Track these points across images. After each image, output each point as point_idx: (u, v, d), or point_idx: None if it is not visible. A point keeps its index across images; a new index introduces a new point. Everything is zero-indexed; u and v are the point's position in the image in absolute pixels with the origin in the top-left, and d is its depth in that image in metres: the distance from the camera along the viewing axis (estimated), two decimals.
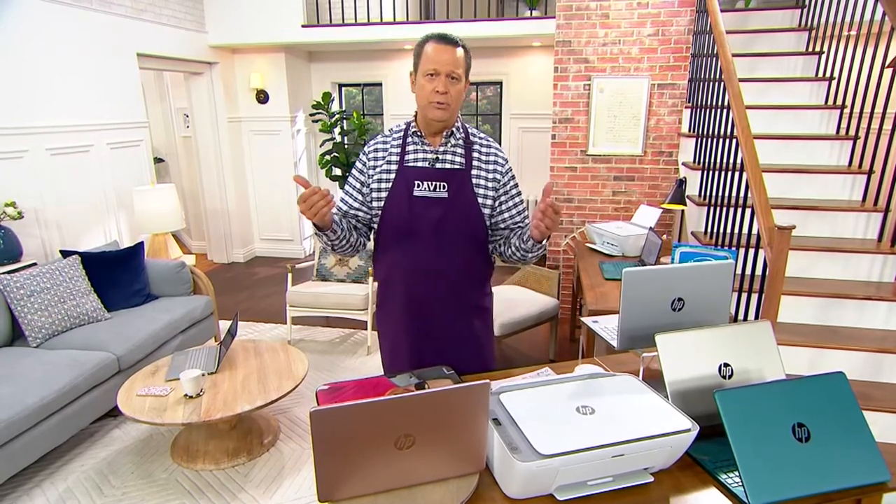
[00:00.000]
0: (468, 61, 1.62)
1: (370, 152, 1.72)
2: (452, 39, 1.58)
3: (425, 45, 1.59)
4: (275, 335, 4.19)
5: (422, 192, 1.64)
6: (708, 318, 1.45)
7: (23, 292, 2.92)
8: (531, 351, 3.94)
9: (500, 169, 1.71)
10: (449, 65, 1.56)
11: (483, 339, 1.82)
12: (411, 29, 5.15)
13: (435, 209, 1.64)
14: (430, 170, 1.66)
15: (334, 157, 5.95)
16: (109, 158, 4.21)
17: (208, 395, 2.48)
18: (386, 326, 1.84)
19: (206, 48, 5.40)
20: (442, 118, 1.62)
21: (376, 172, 1.69)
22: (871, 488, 1.10)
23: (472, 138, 1.72)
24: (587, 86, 4.06)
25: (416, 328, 1.74)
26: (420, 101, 1.63)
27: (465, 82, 1.63)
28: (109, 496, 2.45)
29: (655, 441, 1.06)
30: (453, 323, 1.74)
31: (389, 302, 1.79)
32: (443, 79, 1.57)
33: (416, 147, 1.68)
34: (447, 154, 1.67)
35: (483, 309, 1.81)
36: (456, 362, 1.68)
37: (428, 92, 1.58)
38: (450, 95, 1.58)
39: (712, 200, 3.03)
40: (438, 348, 1.73)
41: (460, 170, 1.67)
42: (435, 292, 1.70)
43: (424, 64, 1.58)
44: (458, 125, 1.70)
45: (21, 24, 3.49)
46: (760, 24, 4.06)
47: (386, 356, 1.88)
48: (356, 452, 1.01)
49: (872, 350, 2.45)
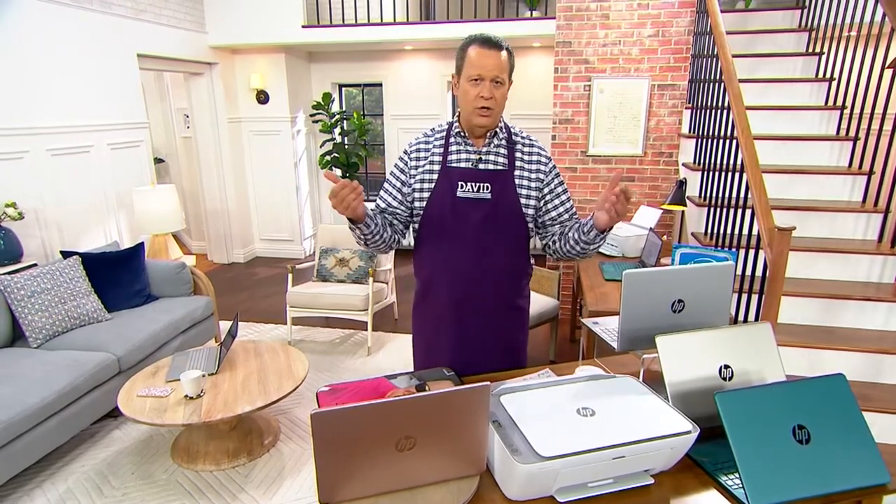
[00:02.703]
0: (512, 62, 1.60)
1: (412, 152, 1.71)
2: (496, 42, 1.56)
3: (468, 49, 1.57)
4: (275, 336, 4.19)
5: (465, 192, 1.64)
6: (708, 319, 1.45)
7: (23, 293, 2.92)
8: (531, 351, 3.93)
9: (544, 168, 1.70)
10: (494, 70, 1.54)
11: (521, 338, 1.83)
12: (411, 29, 5.15)
13: (479, 210, 1.64)
14: (473, 170, 1.65)
15: (334, 157, 5.95)
16: (110, 159, 4.21)
17: (209, 396, 2.48)
18: (424, 324, 1.83)
19: (206, 48, 5.40)
20: (486, 125, 1.61)
21: (419, 172, 1.68)
22: (871, 490, 1.10)
23: (515, 138, 1.71)
24: (587, 86, 4.06)
25: (457, 327, 1.73)
26: (464, 106, 1.62)
27: (509, 84, 1.62)
28: (110, 497, 2.45)
29: (656, 443, 1.07)
30: (494, 322, 1.74)
31: (430, 300, 1.78)
32: (487, 84, 1.55)
33: (460, 147, 1.67)
34: (490, 154, 1.66)
35: (521, 309, 1.82)
36: (493, 361, 1.70)
37: (472, 97, 1.57)
38: (494, 100, 1.57)
39: (712, 201, 3.03)
40: (477, 347, 1.73)
41: (503, 170, 1.66)
42: (477, 292, 1.70)
43: (468, 69, 1.56)
44: (501, 125, 1.68)
45: (21, 25, 3.49)
46: (760, 24, 4.06)
47: (420, 354, 1.86)
48: (357, 454, 1.01)
49: (872, 351, 2.45)
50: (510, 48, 1.60)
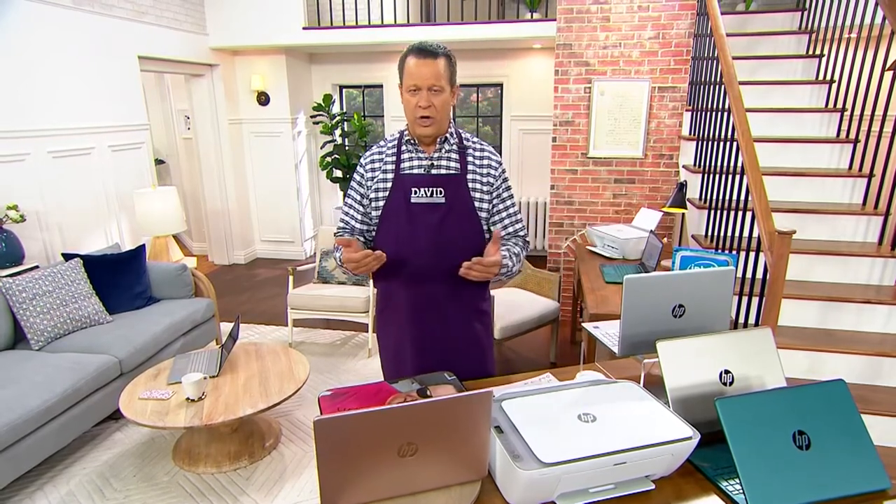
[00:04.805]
0: (451, 69, 1.61)
1: (367, 164, 1.73)
2: (431, 51, 1.56)
3: (406, 59, 1.59)
4: (276, 338, 4.20)
5: (419, 198, 1.65)
6: (708, 324, 1.45)
7: (25, 295, 2.93)
8: (532, 354, 3.94)
9: (494, 172, 1.72)
10: (429, 79, 1.55)
11: (484, 343, 1.82)
12: (412, 31, 5.16)
13: (433, 215, 1.65)
14: (426, 176, 1.66)
15: (335, 158, 5.95)
16: (111, 161, 4.22)
17: (210, 399, 2.49)
18: (387, 333, 1.84)
19: (206, 50, 5.41)
20: (430, 133, 1.63)
21: (374, 182, 1.70)
22: (871, 496, 1.11)
23: (466, 143, 1.72)
24: (588, 88, 4.07)
25: (418, 334, 1.74)
26: (407, 116, 1.65)
27: (452, 89, 1.62)
28: (111, 499, 2.45)
29: (657, 449, 1.07)
30: (455, 327, 1.75)
31: (390, 308, 1.79)
32: (424, 93, 1.57)
33: (411, 155, 1.69)
34: (442, 160, 1.68)
35: (483, 312, 1.82)
36: (457, 368, 1.69)
37: (412, 107, 1.59)
38: (434, 108, 1.58)
39: (713, 204, 3.03)
40: (441, 354, 1.73)
41: (456, 175, 1.67)
42: (436, 297, 1.70)
43: (406, 79, 1.58)
44: (451, 131, 1.70)
45: (22, 28, 3.50)
46: (761, 27, 4.07)
47: (387, 363, 1.87)
48: (359, 460, 1.01)
49: (872, 353, 2.45)
50: (450, 54, 1.61)
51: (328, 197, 6.82)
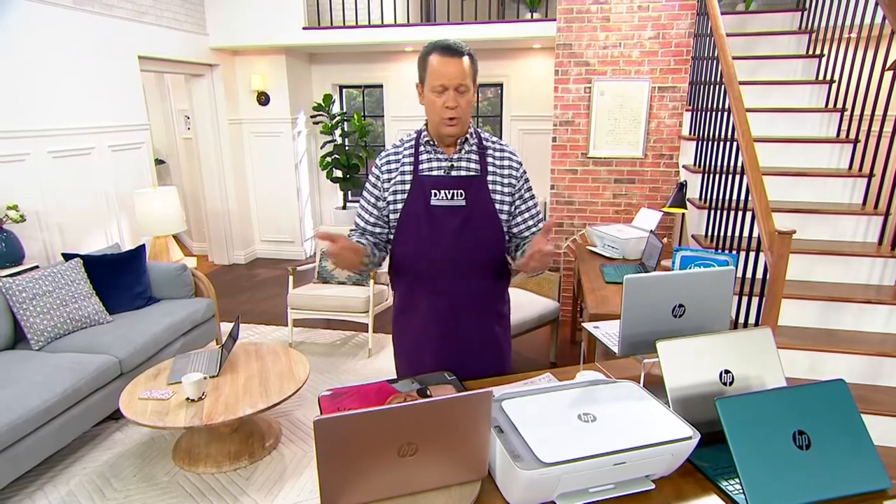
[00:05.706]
0: (475, 68, 1.57)
1: (383, 164, 1.69)
2: (457, 49, 1.53)
3: (430, 58, 1.54)
4: (276, 337, 4.20)
5: (439, 200, 1.61)
6: (708, 324, 1.45)
7: (25, 295, 2.93)
8: (532, 354, 3.94)
9: (515, 173, 1.69)
10: (457, 78, 1.51)
11: (503, 345, 1.81)
12: (412, 31, 5.16)
13: (454, 218, 1.61)
14: (446, 178, 1.62)
15: (335, 158, 5.96)
16: (111, 161, 4.22)
17: (210, 399, 2.49)
18: (405, 336, 1.80)
19: (206, 50, 5.41)
20: (455, 133, 1.59)
21: (391, 184, 1.66)
22: (871, 496, 1.11)
23: (485, 143, 1.69)
24: (588, 88, 4.07)
25: (439, 337, 1.71)
26: (431, 117, 1.60)
27: (474, 89, 1.59)
28: (111, 499, 2.45)
29: (657, 449, 1.07)
30: (475, 329, 1.72)
31: (410, 311, 1.75)
32: (451, 93, 1.52)
33: (430, 156, 1.65)
34: (461, 161, 1.64)
35: (503, 315, 1.80)
36: (477, 370, 1.68)
37: (438, 108, 1.55)
38: (460, 108, 1.54)
39: (713, 204, 3.03)
40: (460, 356, 1.71)
41: (476, 177, 1.64)
42: (457, 301, 1.68)
43: (431, 78, 1.54)
44: (470, 131, 1.66)
45: (22, 28, 3.50)
46: (761, 27, 4.07)
47: (404, 365, 1.83)
48: (359, 460, 1.01)
49: (872, 353, 2.45)
50: (472, 53, 1.57)
51: (328, 197, 6.82)
